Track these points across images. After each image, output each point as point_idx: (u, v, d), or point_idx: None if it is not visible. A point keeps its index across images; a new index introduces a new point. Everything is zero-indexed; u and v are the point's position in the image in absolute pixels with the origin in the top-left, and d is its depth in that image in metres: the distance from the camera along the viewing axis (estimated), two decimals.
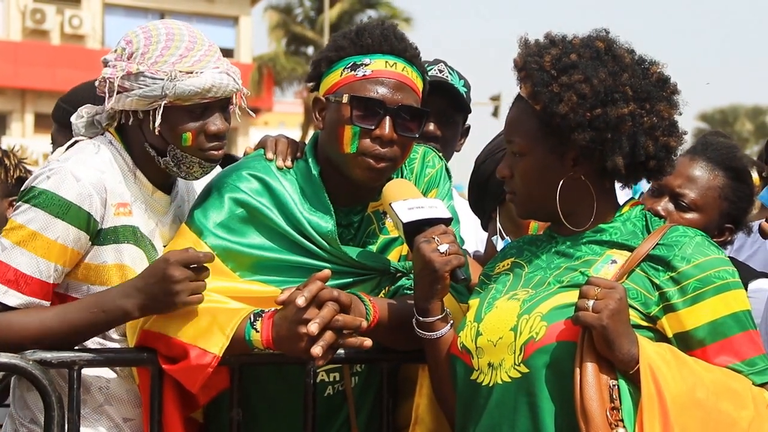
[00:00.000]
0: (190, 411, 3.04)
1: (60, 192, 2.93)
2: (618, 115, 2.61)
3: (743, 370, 2.58)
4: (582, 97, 2.61)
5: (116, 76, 3.05)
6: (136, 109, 3.04)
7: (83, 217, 2.95)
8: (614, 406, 2.46)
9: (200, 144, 3.03)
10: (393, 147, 2.93)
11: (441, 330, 2.78)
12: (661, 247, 2.61)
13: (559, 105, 2.61)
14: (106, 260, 3.01)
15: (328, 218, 2.99)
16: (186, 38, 3.06)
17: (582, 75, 2.62)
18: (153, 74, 3.00)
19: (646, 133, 2.64)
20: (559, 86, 2.62)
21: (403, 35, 3.03)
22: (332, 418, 3.09)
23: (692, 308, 2.56)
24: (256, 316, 2.79)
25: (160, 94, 2.99)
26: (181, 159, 3.05)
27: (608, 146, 2.62)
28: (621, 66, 2.67)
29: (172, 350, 2.83)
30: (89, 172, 2.98)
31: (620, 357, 2.46)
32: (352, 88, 2.93)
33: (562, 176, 2.68)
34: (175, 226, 3.16)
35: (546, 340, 2.54)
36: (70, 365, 2.87)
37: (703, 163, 3.40)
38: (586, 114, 2.60)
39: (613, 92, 2.62)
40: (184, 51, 3.03)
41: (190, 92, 2.99)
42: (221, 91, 3.03)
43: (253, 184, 3.02)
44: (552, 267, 2.71)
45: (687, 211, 3.36)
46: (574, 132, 2.61)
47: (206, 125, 3.04)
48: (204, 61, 3.03)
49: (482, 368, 2.65)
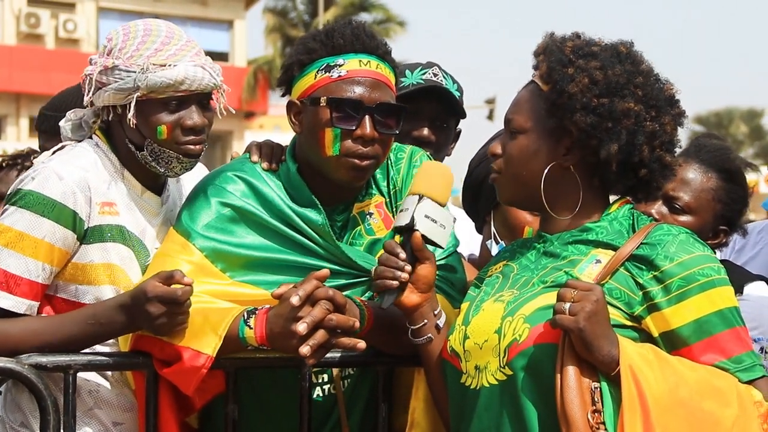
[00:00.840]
0: (186, 415, 3.04)
1: (44, 191, 2.95)
2: (623, 109, 2.64)
3: (730, 368, 2.56)
4: (594, 83, 2.64)
5: (95, 71, 3.09)
6: (114, 103, 3.08)
7: (68, 215, 2.97)
8: (596, 409, 2.45)
9: (176, 138, 3.06)
10: (374, 145, 2.94)
11: (425, 336, 2.78)
12: (644, 246, 2.61)
13: (570, 84, 2.64)
14: (92, 259, 3.03)
15: (317, 212, 2.99)
16: (163, 33, 3.10)
17: (599, 63, 2.66)
18: (127, 67, 3.04)
19: (646, 137, 2.66)
20: (575, 68, 2.66)
21: (373, 33, 3.03)
22: (323, 420, 3.09)
23: (677, 307, 2.55)
24: (249, 313, 2.79)
25: (132, 86, 3.02)
26: (158, 153, 3.07)
27: (606, 135, 2.63)
28: (637, 70, 2.70)
29: (166, 353, 2.83)
30: (72, 171, 3.01)
31: (600, 359, 2.46)
32: (329, 90, 2.94)
33: (553, 160, 2.68)
34: (165, 228, 3.17)
35: (528, 342, 2.54)
36: (66, 369, 2.87)
37: (696, 166, 3.39)
38: (593, 99, 2.63)
39: (624, 88, 2.66)
40: (159, 45, 3.07)
41: (162, 84, 3.01)
42: (195, 83, 3.05)
43: (240, 186, 3.03)
44: (539, 267, 2.72)
45: (681, 214, 3.35)
46: (577, 113, 2.63)
47: (182, 119, 3.07)
48: (179, 55, 3.06)
49: (470, 371, 2.65)
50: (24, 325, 2.92)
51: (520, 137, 2.72)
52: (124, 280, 3.06)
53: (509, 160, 2.73)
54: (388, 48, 3.04)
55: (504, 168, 2.74)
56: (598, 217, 2.74)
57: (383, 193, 3.14)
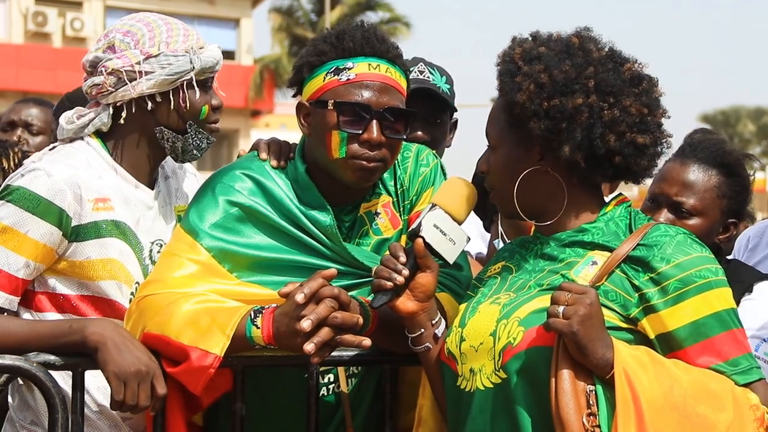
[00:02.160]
0: (193, 413, 3.04)
1: (31, 188, 2.98)
2: (573, 106, 2.60)
3: (726, 371, 2.54)
4: (540, 87, 2.62)
5: (132, 63, 3.10)
6: (158, 91, 3.12)
7: (54, 212, 2.98)
8: (591, 412, 2.44)
9: (209, 118, 3.19)
10: (381, 149, 2.94)
11: (423, 345, 2.78)
12: (641, 248, 2.59)
13: (518, 94, 2.63)
14: (89, 256, 3.05)
15: (325, 213, 3.00)
16: (176, 21, 3.21)
17: (543, 65, 2.63)
18: (173, 52, 3.11)
19: (606, 126, 2.61)
20: (522, 76, 2.64)
21: (384, 36, 3.03)
22: (326, 420, 3.09)
23: (673, 308, 2.53)
24: (256, 312, 2.79)
25: (188, 68, 3.12)
26: (198, 134, 3.17)
27: (562, 136, 2.61)
28: (588, 60, 2.66)
29: (174, 353, 2.83)
30: (61, 169, 3.03)
31: (594, 362, 2.44)
32: (337, 93, 2.94)
33: (527, 169, 2.67)
34: (159, 222, 3.20)
35: (523, 345, 2.52)
36: (74, 367, 2.88)
37: (695, 166, 3.36)
38: (542, 103, 2.61)
39: (574, 84, 2.62)
40: (183, 31, 3.17)
41: (210, 62, 3.16)
42: (220, 63, 3.21)
43: (248, 184, 3.03)
44: (536, 270, 2.71)
45: (689, 218, 3.32)
46: (530, 120, 2.62)
47: (211, 99, 3.20)
48: (189, 34, 3.18)
49: (465, 374, 2.65)
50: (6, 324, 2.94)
51: (496, 152, 2.72)
52: (123, 274, 3.08)
53: (493, 174, 2.73)
54: (398, 51, 3.04)
55: (493, 183, 2.75)
56: (594, 217, 2.72)
57: (390, 193, 3.14)
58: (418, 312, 2.75)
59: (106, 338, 2.82)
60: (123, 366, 2.79)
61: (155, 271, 3.02)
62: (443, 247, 2.72)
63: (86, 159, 3.12)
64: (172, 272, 2.96)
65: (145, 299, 2.91)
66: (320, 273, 2.76)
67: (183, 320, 2.82)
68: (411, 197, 3.14)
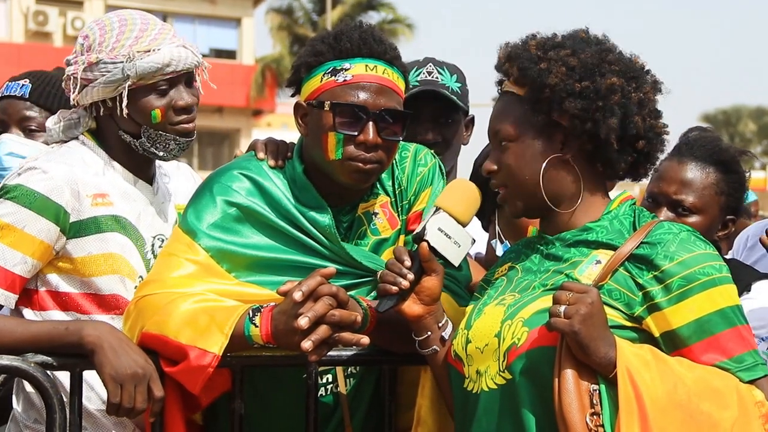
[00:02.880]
0: (192, 412, 3.04)
1: (29, 184, 2.99)
2: (608, 85, 2.62)
3: (731, 368, 2.54)
4: (571, 69, 2.63)
5: (78, 70, 3.14)
6: (103, 98, 3.13)
7: (52, 207, 3.00)
8: (595, 411, 2.43)
9: (170, 119, 3.14)
10: (378, 151, 2.93)
11: (431, 348, 2.78)
12: (644, 246, 2.58)
13: (549, 77, 2.62)
14: (90, 251, 3.06)
15: (324, 213, 2.99)
16: (138, 21, 3.16)
17: (570, 50, 2.65)
18: (112, 59, 3.09)
19: (636, 107, 2.65)
20: (548, 62, 2.64)
21: (381, 37, 3.02)
22: (326, 420, 3.08)
23: (677, 306, 2.52)
24: (255, 311, 2.79)
25: (122, 76, 3.08)
26: (156, 138, 3.13)
27: (600, 114, 2.61)
28: (605, 48, 2.70)
29: (172, 352, 2.83)
30: (58, 167, 3.05)
31: (597, 361, 2.44)
32: (333, 94, 2.93)
33: (552, 156, 2.66)
34: (159, 218, 3.22)
35: (527, 345, 2.52)
36: (72, 368, 2.88)
37: (692, 164, 3.37)
38: (575, 84, 2.61)
39: (601, 66, 2.64)
40: (138, 33, 3.13)
41: (151, 69, 3.08)
42: (181, 63, 3.13)
43: (245, 184, 3.03)
44: (541, 270, 2.70)
45: (689, 216, 3.33)
46: (564, 102, 2.61)
47: (173, 100, 3.14)
48: (159, 39, 3.13)
49: (471, 376, 2.65)
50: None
51: (511, 146, 2.69)
52: (126, 267, 3.09)
53: (509, 170, 2.70)
54: (396, 53, 3.03)
55: (507, 180, 2.71)
56: (598, 216, 2.71)
57: (388, 193, 3.13)
58: (424, 315, 2.75)
59: (103, 341, 2.81)
60: (119, 368, 2.78)
61: (153, 271, 3.02)
62: (448, 251, 2.71)
63: (82, 157, 3.14)
64: (170, 272, 2.95)
65: (144, 299, 2.91)
66: (318, 271, 2.76)
67: (181, 319, 2.81)
68: (409, 197, 3.14)
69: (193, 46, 3.20)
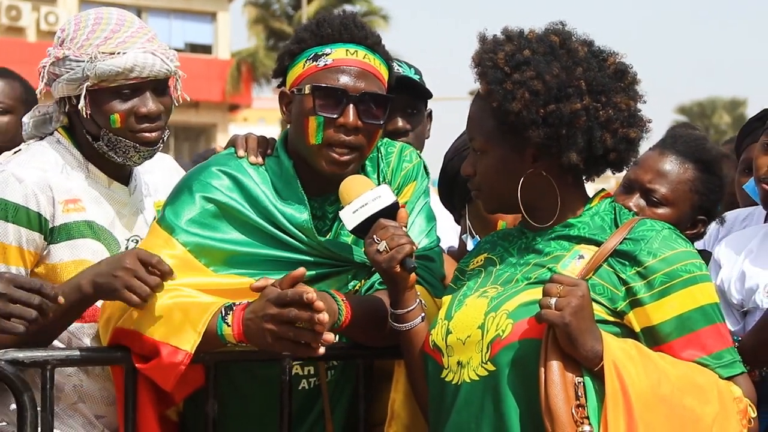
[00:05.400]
0: (166, 408, 3.03)
1: (5, 196, 2.96)
2: (572, 111, 2.59)
3: (710, 364, 2.58)
4: (534, 94, 2.59)
5: (47, 63, 3.10)
6: (68, 95, 3.08)
7: (33, 217, 2.98)
8: (579, 403, 2.46)
9: (130, 126, 3.06)
10: (358, 135, 2.93)
11: (412, 321, 2.79)
12: (627, 242, 2.61)
13: (513, 103, 2.60)
14: (62, 258, 3.04)
15: (302, 209, 2.99)
16: (113, 21, 3.09)
17: (534, 71, 2.61)
18: (77, 57, 3.04)
19: (603, 127, 2.62)
20: (512, 84, 2.61)
21: (363, 23, 3.03)
22: (306, 412, 3.08)
23: (659, 302, 2.56)
24: (227, 309, 2.78)
25: (82, 76, 3.02)
26: (114, 143, 3.07)
27: (563, 142, 2.60)
28: (575, 60, 2.65)
29: (145, 348, 2.82)
30: (31, 172, 3.01)
31: (584, 354, 2.46)
32: (314, 78, 2.93)
33: (523, 172, 2.66)
34: (135, 218, 3.18)
35: (512, 337, 2.53)
36: (43, 365, 2.85)
37: (672, 157, 3.39)
38: (539, 111, 2.59)
39: (567, 87, 2.60)
40: (109, 33, 3.06)
41: (111, 72, 3.01)
42: (146, 70, 3.04)
43: (224, 181, 3.01)
44: (522, 264, 2.71)
45: (658, 206, 3.35)
46: (528, 129, 2.60)
47: (136, 107, 3.06)
48: (129, 42, 3.05)
49: (452, 367, 2.65)
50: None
51: (485, 156, 2.70)
52: None
53: (483, 178, 2.71)
54: (377, 39, 3.03)
55: (481, 185, 2.73)
56: (579, 212, 2.73)
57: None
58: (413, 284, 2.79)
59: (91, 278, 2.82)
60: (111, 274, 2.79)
61: None
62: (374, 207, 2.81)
63: (55, 159, 3.10)
64: None
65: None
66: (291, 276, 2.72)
67: (155, 315, 2.81)
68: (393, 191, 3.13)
69: (168, 53, 3.11)
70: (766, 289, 3.18)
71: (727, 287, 3.22)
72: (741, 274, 3.22)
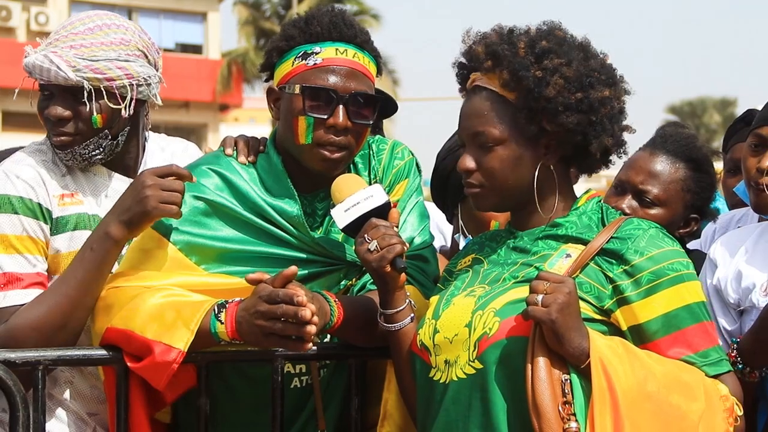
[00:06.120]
0: (157, 409, 3.02)
1: (6, 192, 2.99)
2: (599, 98, 2.64)
3: (696, 362, 2.59)
4: (567, 80, 2.62)
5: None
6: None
7: (35, 207, 3.01)
8: (566, 401, 2.46)
9: (48, 127, 3.08)
10: (348, 135, 2.93)
11: (401, 322, 2.78)
12: (614, 241, 2.61)
13: (547, 88, 2.61)
14: (59, 249, 3.06)
15: (293, 203, 2.99)
16: (68, 22, 3.10)
17: (563, 59, 2.64)
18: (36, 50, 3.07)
19: (618, 118, 2.69)
20: (542, 70, 2.62)
21: (352, 21, 3.02)
22: (299, 411, 3.08)
23: (646, 301, 2.56)
24: (220, 307, 2.77)
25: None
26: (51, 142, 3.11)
27: (593, 128, 2.64)
28: (587, 53, 2.69)
29: (137, 347, 2.81)
30: (23, 169, 3.04)
31: (571, 351, 2.46)
32: (304, 77, 2.93)
33: (537, 163, 2.67)
34: None
35: (499, 335, 2.54)
36: (35, 365, 2.84)
37: (663, 157, 3.40)
38: (571, 97, 2.61)
39: (588, 77, 2.65)
40: (53, 33, 3.08)
41: (26, 68, 3.05)
42: (44, 74, 3.03)
43: (214, 180, 3.02)
44: (509, 263, 2.71)
45: (651, 207, 3.36)
46: (560, 115, 2.61)
47: (47, 109, 3.07)
48: (52, 44, 3.05)
49: (439, 366, 2.65)
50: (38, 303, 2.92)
51: (497, 149, 2.66)
52: None
53: (491, 173, 2.67)
54: (367, 36, 3.03)
55: (485, 181, 2.69)
56: (566, 212, 2.73)
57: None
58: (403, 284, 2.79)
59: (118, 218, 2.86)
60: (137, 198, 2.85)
61: (122, 265, 3.01)
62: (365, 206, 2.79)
63: (51, 158, 3.12)
64: (138, 265, 2.96)
65: (110, 292, 2.91)
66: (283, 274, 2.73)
67: (148, 314, 2.81)
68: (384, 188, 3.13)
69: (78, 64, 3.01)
70: (762, 288, 3.18)
71: (723, 286, 3.23)
72: (737, 274, 3.23)
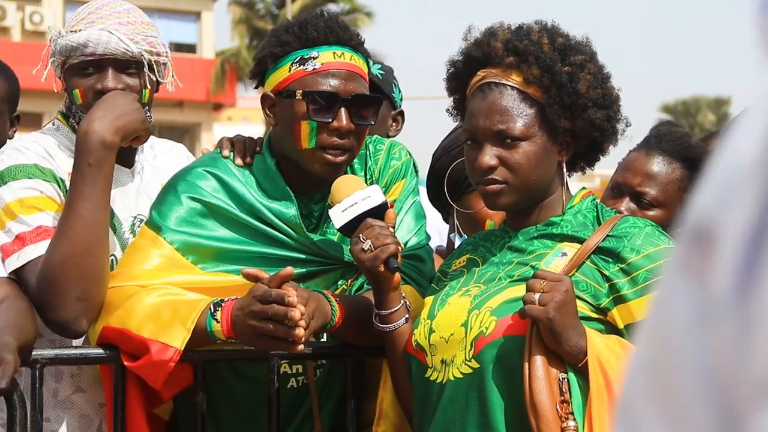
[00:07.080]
0: (154, 407, 3.03)
1: (19, 161, 2.99)
2: (616, 94, 2.70)
3: None
4: (594, 76, 2.66)
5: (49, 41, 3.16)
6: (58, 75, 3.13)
7: (49, 172, 3.00)
8: (564, 399, 2.46)
9: (89, 102, 3.05)
10: (350, 137, 2.94)
11: (396, 322, 2.79)
12: (610, 239, 2.62)
13: (579, 83, 2.64)
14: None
15: (289, 204, 2.99)
16: (95, 4, 3.12)
17: (585, 55, 2.68)
18: (58, 34, 3.08)
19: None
20: (571, 66, 2.65)
21: (346, 24, 3.04)
22: (295, 411, 3.09)
23: (643, 299, 2.56)
24: (216, 306, 2.78)
25: (51, 53, 3.08)
26: (79, 119, 3.07)
27: (611, 124, 2.69)
28: (592, 50, 2.74)
29: (134, 346, 2.82)
30: (32, 146, 3.05)
31: (568, 350, 2.46)
32: (304, 83, 2.93)
33: (555, 160, 2.70)
34: (139, 198, 3.20)
35: (495, 334, 2.54)
36: (32, 364, 2.85)
37: (659, 158, 3.39)
38: (597, 92, 2.65)
39: (599, 73, 2.70)
40: (84, 14, 3.10)
41: (67, 47, 3.04)
42: (101, 47, 3.03)
43: (210, 182, 3.02)
44: (504, 262, 2.72)
45: (650, 209, 3.34)
46: (589, 110, 2.64)
47: (96, 83, 3.06)
48: (97, 22, 3.06)
49: (435, 365, 2.65)
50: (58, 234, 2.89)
51: (522, 144, 2.64)
52: None
53: (518, 168, 2.64)
54: (360, 39, 3.05)
55: (512, 177, 2.65)
56: (561, 210, 2.74)
57: None
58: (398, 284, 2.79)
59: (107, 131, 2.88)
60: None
61: (119, 264, 3.02)
62: (363, 206, 2.80)
63: (53, 143, 3.11)
64: (135, 265, 2.96)
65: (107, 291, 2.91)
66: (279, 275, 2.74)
67: (144, 313, 2.81)
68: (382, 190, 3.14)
69: (136, 37, 3.07)
70: None
71: None
72: None
